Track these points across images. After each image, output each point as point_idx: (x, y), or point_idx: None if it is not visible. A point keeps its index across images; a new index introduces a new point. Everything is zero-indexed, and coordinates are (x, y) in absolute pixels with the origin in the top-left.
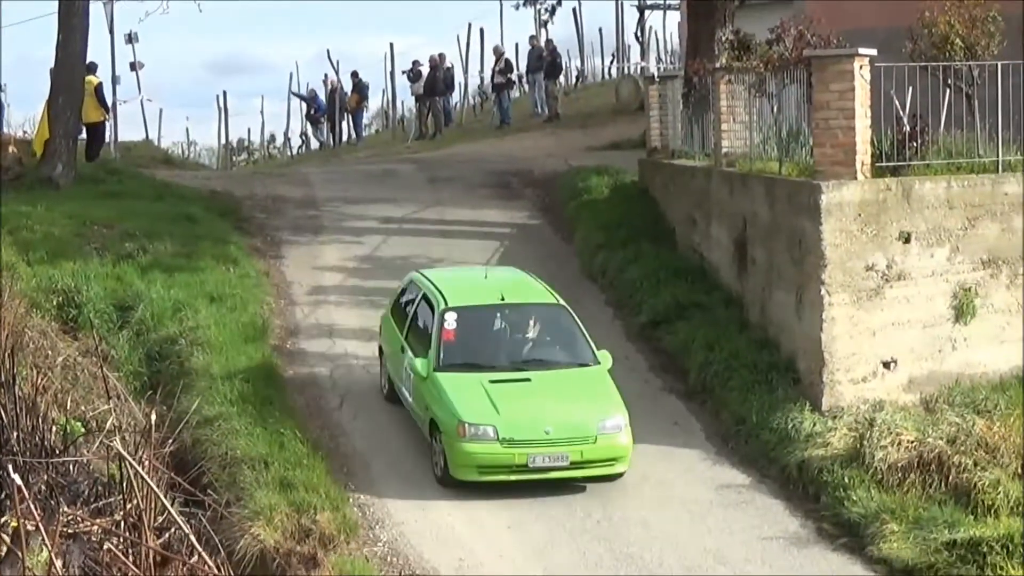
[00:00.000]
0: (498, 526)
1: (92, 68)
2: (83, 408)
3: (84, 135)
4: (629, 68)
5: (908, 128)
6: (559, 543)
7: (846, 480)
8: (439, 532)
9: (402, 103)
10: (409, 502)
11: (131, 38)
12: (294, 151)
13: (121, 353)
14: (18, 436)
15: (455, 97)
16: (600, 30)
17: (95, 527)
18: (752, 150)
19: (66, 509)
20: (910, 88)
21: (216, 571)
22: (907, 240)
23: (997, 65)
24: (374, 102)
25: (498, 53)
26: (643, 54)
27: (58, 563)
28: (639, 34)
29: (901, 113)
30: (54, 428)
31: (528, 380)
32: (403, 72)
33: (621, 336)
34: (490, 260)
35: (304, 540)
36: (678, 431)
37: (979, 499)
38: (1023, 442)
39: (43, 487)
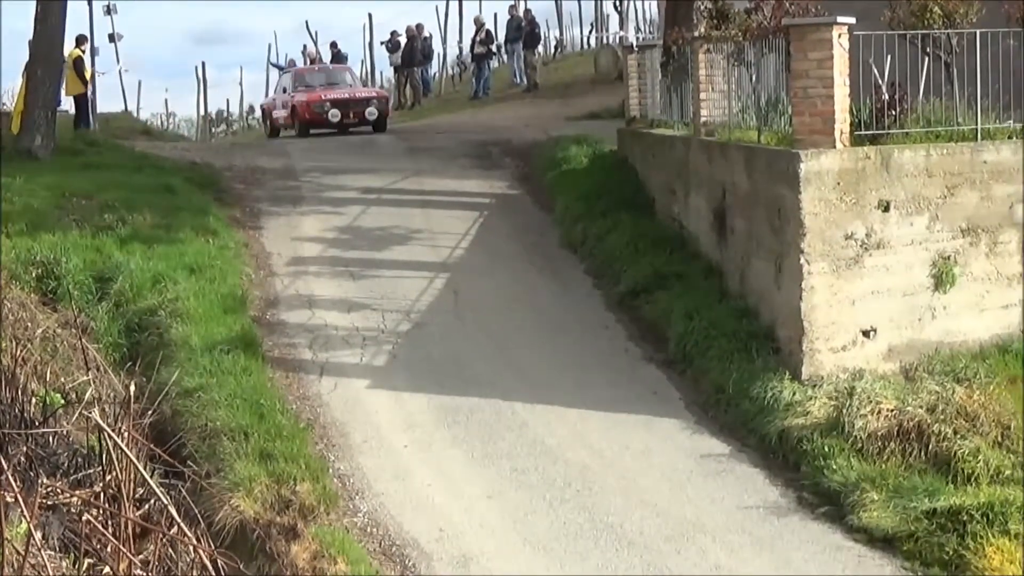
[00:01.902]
0: (477, 495)
1: (81, 40)
2: (62, 380)
3: (73, 108)
4: (608, 38)
5: (887, 97)
6: (538, 512)
7: (826, 449)
8: (418, 502)
9: (381, 73)
10: (389, 473)
11: (109, 9)
12: None
13: (100, 325)
14: None
15: (434, 67)
16: (579, 0)
17: (74, 499)
18: (731, 119)
19: (45, 481)
20: (889, 56)
21: (196, 542)
22: (886, 209)
23: (975, 33)
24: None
25: (479, 23)
26: (622, 24)
27: (37, 535)
28: (618, 4)
29: (880, 81)
30: (33, 400)
31: None
32: (381, 43)
33: (601, 306)
34: (469, 230)
35: (284, 511)
36: (658, 400)
37: (959, 468)
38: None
39: (22, 459)
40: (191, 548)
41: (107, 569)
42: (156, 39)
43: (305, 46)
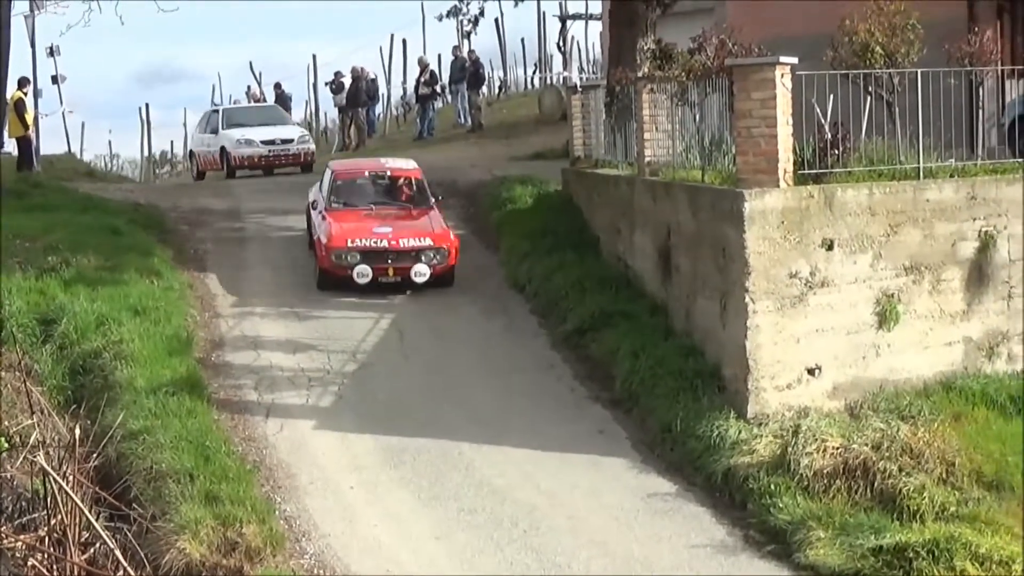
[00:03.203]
0: (425, 536)
1: (23, 83)
2: (6, 423)
3: (15, 150)
4: (552, 78)
5: (829, 136)
6: (486, 552)
7: (772, 487)
8: (366, 544)
9: (325, 114)
10: (335, 514)
11: (53, 51)
12: None
13: (44, 367)
14: None
15: (379, 108)
16: (522, 40)
17: (19, 543)
18: (675, 159)
19: None
20: (831, 96)
21: None
22: (830, 247)
23: (917, 72)
24: (297, 113)
25: (423, 64)
26: (565, 64)
27: None
28: (561, 44)
29: (823, 120)
30: None
31: None
32: (326, 83)
33: (547, 345)
34: None
35: (230, 553)
36: (604, 439)
37: (904, 505)
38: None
39: None
40: None
41: None
42: (100, 80)
43: (249, 87)
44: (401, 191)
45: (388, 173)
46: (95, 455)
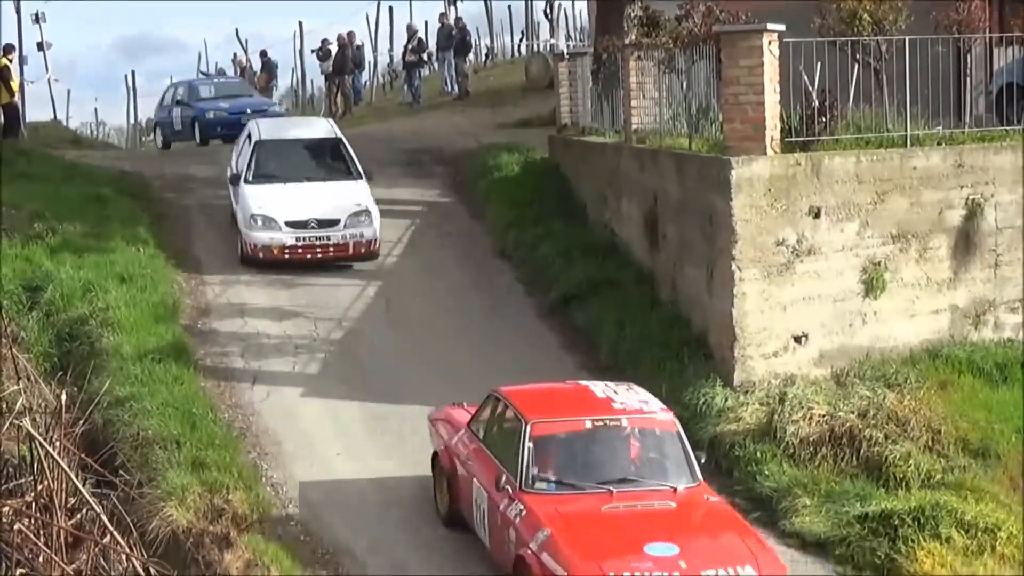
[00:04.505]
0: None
1: (8, 50)
2: None
3: (1, 117)
4: (538, 45)
5: (817, 103)
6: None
7: (758, 455)
8: (352, 511)
9: (312, 82)
10: (321, 480)
11: (38, 18)
12: None
13: (31, 334)
14: None
15: (365, 76)
16: (509, 8)
17: (6, 508)
18: (662, 126)
19: None
20: (819, 63)
21: (128, 551)
22: (817, 215)
23: (905, 40)
24: (283, 81)
25: (411, 31)
26: (552, 31)
27: None
28: (548, 11)
29: (810, 88)
30: None
31: None
32: (312, 51)
33: (533, 313)
34: (402, 238)
35: (217, 520)
36: None
37: (890, 472)
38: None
39: None
40: (124, 557)
41: None
42: (86, 48)
43: (235, 55)
44: None
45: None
46: (81, 421)
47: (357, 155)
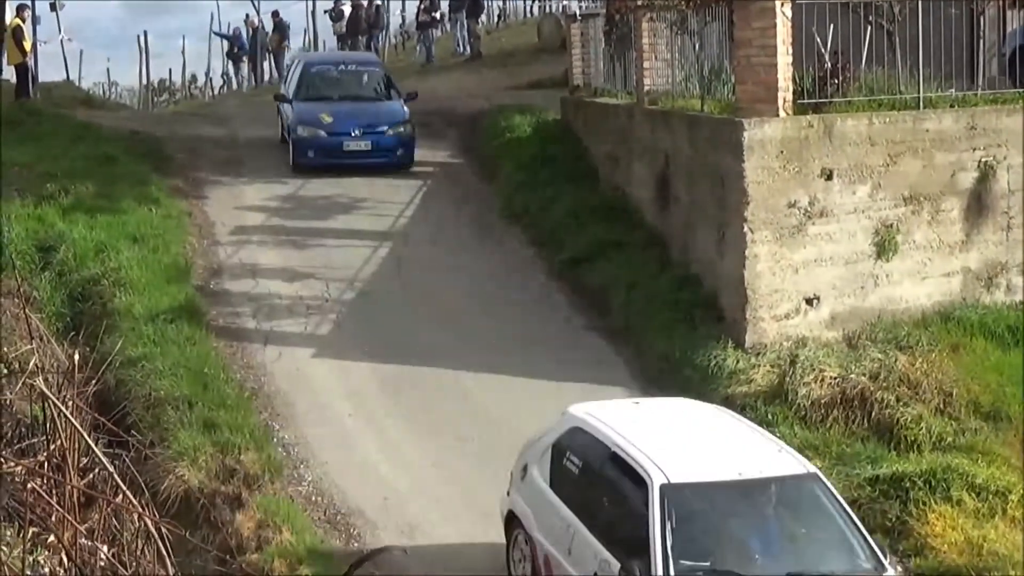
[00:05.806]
0: (422, 464)
1: (21, 9)
2: (6, 349)
3: (13, 78)
4: (551, 7)
5: (829, 65)
6: (484, 481)
7: (769, 417)
8: (363, 471)
9: (324, 43)
10: (333, 442)
11: None
12: (216, 91)
13: (43, 294)
14: None
15: (381, 37)
16: None
17: (19, 467)
18: (674, 88)
19: None
20: (831, 25)
21: (140, 511)
22: (829, 177)
23: (918, 2)
24: (296, 42)
25: None
26: None
27: None
28: None
29: (823, 50)
30: None
31: None
32: (325, 12)
33: (543, 274)
34: (413, 199)
35: (228, 480)
36: (602, 368)
37: (902, 435)
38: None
39: None
40: (136, 517)
41: (52, 538)
42: (98, 8)
43: (248, 15)
44: None
45: None
46: (94, 381)
47: None
